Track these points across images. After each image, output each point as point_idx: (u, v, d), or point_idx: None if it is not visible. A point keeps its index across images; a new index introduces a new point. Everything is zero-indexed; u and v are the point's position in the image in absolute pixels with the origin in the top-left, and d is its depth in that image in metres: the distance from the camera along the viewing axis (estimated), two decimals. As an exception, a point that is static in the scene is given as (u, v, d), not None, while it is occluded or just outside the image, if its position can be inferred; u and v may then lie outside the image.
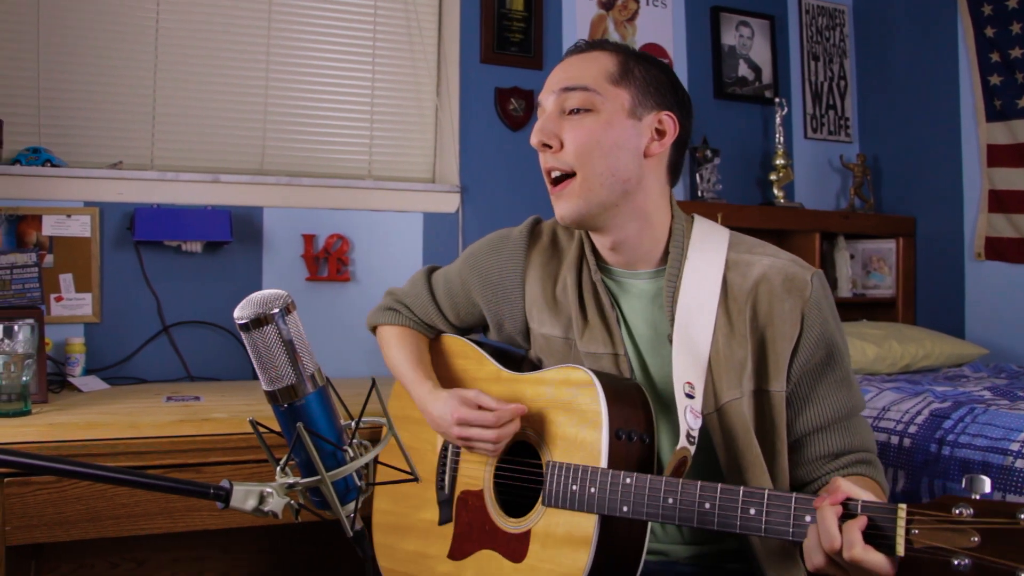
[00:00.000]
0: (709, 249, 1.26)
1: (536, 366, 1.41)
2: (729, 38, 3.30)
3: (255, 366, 0.95)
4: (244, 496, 0.95)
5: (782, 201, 3.20)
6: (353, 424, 1.04)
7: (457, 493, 1.36)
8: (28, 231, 2.32)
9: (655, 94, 1.23)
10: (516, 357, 1.48)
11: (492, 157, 2.89)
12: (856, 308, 3.32)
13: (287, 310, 0.96)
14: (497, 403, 1.27)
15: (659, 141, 1.24)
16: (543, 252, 1.38)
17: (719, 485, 1.05)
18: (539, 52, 2.95)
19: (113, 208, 2.41)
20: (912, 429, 1.66)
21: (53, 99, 2.44)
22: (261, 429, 1.02)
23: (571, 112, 1.21)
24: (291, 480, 0.97)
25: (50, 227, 2.33)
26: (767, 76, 3.36)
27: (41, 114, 2.43)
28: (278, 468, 0.99)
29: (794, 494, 0.99)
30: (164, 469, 1.63)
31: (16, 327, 1.75)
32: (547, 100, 1.25)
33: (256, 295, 0.96)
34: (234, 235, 2.51)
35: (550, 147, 1.22)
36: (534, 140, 1.24)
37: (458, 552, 1.33)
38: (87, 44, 2.48)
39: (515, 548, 1.23)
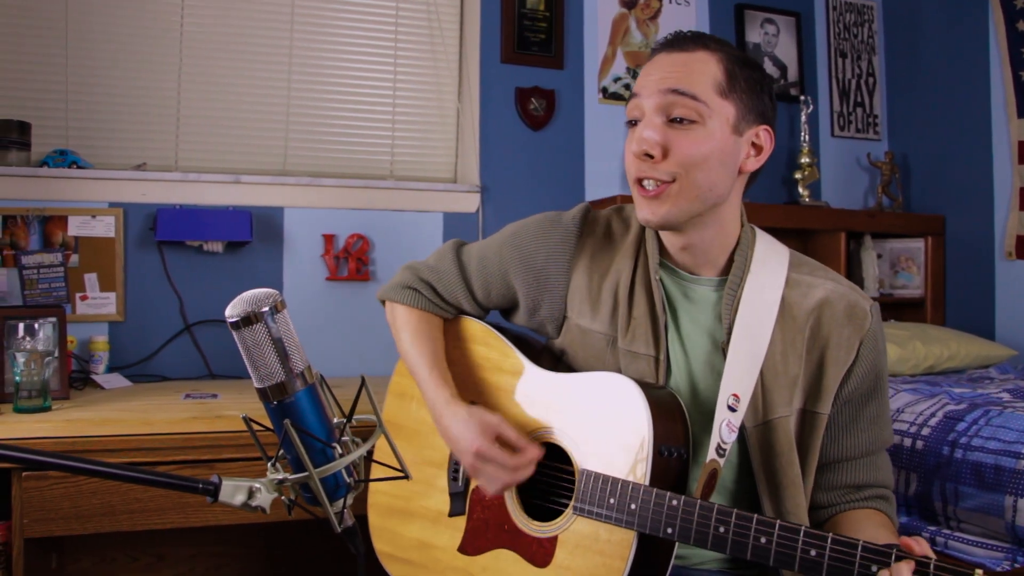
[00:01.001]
0: (771, 264, 1.24)
1: (557, 357, 1.37)
2: (754, 36, 3.26)
3: (246, 364, 0.96)
4: (233, 491, 0.96)
5: (807, 200, 3.16)
6: (347, 422, 1.04)
7: (472, 487, 1.33)
8: (55, 231, 2.37)
9: (757, 106, 1.18)
10: (536, 347, 1.42)
11: (512, 157, 2.89)
12: (884, 308, 3.25)
13: (276, 308, 0.97)
14: (518, 438, 1.22)
15: (756, 157, 1.20)
16: (595, 242, 1.32)
17: (778, 521, 1.02)
18: (560, 51, 2.95)
19: (137, 209, 2.46)
20: (925, 431, 1.63)
21: (80, 102, 2.50)
22: (255, 426, 1.04)
23: (673, 120, 1.15)
24: (280, 476, 0.98)
25: (76, 227, 2.38)
26: (793, 74, 3.32)
27: (69, 117, 2.49)
28: (269, 464, 1.00)
29: (861, 540, 0.97)
30: (176, 465, 1.66)
31: (37, 325, 1.80)
32: (647, 100, 1.17)
33: (246, 294, 0.98)
34: (255, 235, 2.55)
35: (651, 157, 1.16)
36: (636, 149, 1.16)
37: (471, 547, 1.31)
38: (114, 49, 2.54)
39: (538, 552, 1.21)
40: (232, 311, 0.95)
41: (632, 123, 1.20)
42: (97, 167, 2.46)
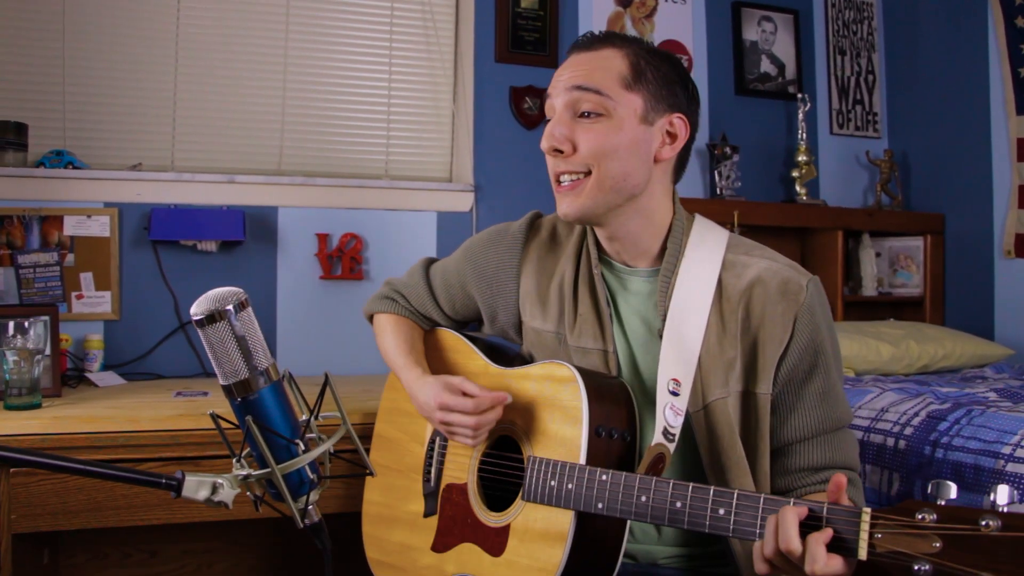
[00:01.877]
0: (706, 248, 1.25)
1: (527, 362, 1.41)
2: (751, 33, 3.25)
3: (211, 361, 0.98)
4: (196, 487, 0.98)
5: (804, 198, 3.15)
6: (311, 419, 1.06)
7: (442, 486, 1.37)
8: (51, 231, 2.40)
9: (667, 96, 1.22)
10: (508, 354, 1.48)
11: (507, 156, 2.90)
12: (883, 307, 3.25)
13: (241, 306, 0.98)
14: (481, 390, 1.26)
15: (670, 145, 1.23)
16: (541, 246, 1.38)
17: (691, 484, 1.04)
18: (554, 51, 2.95)
19: (132, 209, 2.48)
20: (908, 431, 1.62)
21: (78, 103, 2.53)
22: (223, 423, 1.05)
23: (582, 115, 1.20)
24: (244, 472, 1.00)
25: (71, 227, 2.41)
26: (791, 71, 3.31)
27: (66, 118, 2.51)
28: (234, 460, 1.02)
29: (763, 495, 0.99)
30: (162, 462, 1.67)
31: (27, 324, 1.82)
32: (557, 99, 1.22)
33: (212, 292, 0.99)
34: (249, 234, 2.57)
35: (562, 152, 1.21)
36: (545, 145, 1.22)
37: (440, 545, 1.34)
38: (110, 50, 2.56)
39: (494, 542, 1.24)
40: (197, 309, 0.97)
41: (547, 122, 1.25)
42: (94, 167, 2.48)
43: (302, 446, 1.01)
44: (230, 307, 0.97)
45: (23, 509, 1.66)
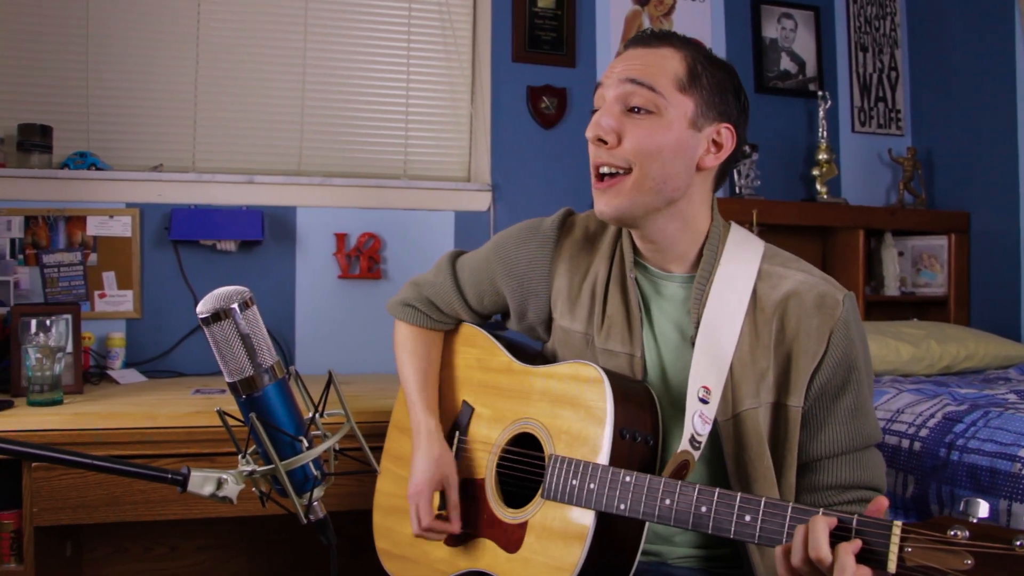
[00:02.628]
0: (742, 258, 1.25)
1: (549, 361, 1.40)
2: (771, 31, 3.23)
3: (217, 359, 0.99)
4: (202, 482, 1.00)
5: (825, 197, 3.12)
6: (317, 416, 1.07)
7: (459, 481, 1.37)
8: (74, 231, 2.45)
9: (719, 104, 1.20)
10: (530, 352, 1.47)
11: (524, 155, 2.90)
12: (905, 307, 3.21)
13: (245, 305, 0.99)
14: (453, 506, 1.34)
15: (715, 154, 1.22)
16: (573, 244, 1.36)
17: (717, 489, 1.04)
18: (571, 50, 2.95)
19: (153, 209, 2.52)
20: (923, 433, 1.60)
21: (101, 106, 2.58)
22: (230, 420, 1.06)
23: (631, 109, 1.18)
24: (249, 468, 1.01)
25: (94, 227, 2.45)
26: (811, 69, 3.28)
27: (90, 120, 2.56)
28: (240, 456, 1.03)
29: (791, 504, 0.98)
30: (178, 458, 1.70)
31: (49, 322, 1.85)
32: (608, 89, 1.20)
33: (217, 291, 1.00)
34: (268, 234, 2.60)
35: (605, 143, 1.19)
36: (590, 133, 1.20)
37: (454, 539, 1.34)
38: (132, 54, 2.61)
39: (511, 538, 1.24)
40: (202, 307, 0.98)
41: (596, 112, 1.23)
42: (116, 168, 2.53)
43: (305, 443, 1.02)
44: (235, 305, 0.98)
45: (45, 503, 1.70)
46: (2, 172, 2.40)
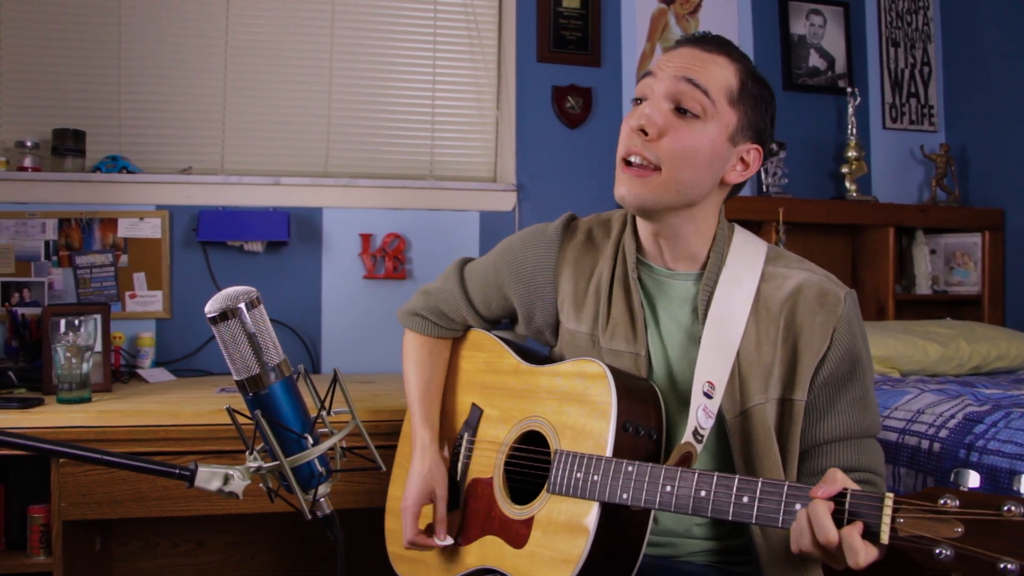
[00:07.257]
0: (746, 259, 1.27)
1: (556, 362, 1.43)
2: (799, 27, 3.19)
3: (224, 357, 1.01)
4: (209, 477, 1.02)
5: (855, 195, 3.07)
6: (324, 414, 1.08)
7: (468, 481, 1.40)
8: (106, 233, 2.51)
9: (756, 123, 1.22)
10: (539, 356, 1.49)
11: (549, 155, 2.91)
12: (938, 306, 3.15)
13: (252, 305, 1.01)
14: (439, 520, 1.38)
15: (740, 172, 1.24)
16: (577, 247, 1.39)
17: (715, 474, 1.05)
18: (597, 49, 2.95)
19: (182, 211, 2.57)
20: (943, 433, 1.58)
21: (132, 111, 2.64)
22: (239, 417, 1.08)
23: (680, 110, 1.18)
24: (256, 464, 1.03)
25: (125, 229, 2.51)
26: (841, 65, 3.23)
27: (122, 125, 2.62)
28: (247, 453, 1.05)
29: (786, 482, 0.99)
30: (199, 455, 1.73)
31: (78, 322, 1.90)
32: (660, 83, 1.19)
33: (225, 291, 1.02)
34: (294, 235, 2.64)
35: (646, 134, 1.18)
36: (634, 122, 1.19)
37: (463, 537, 1.36)
38: (163, 60, 2.67)
39: (517, 534, 1.25)
40: (210, 307, 1.00)
41: (638, 101, 1.22)
42: (147, 171, 2.58)
43: (311, 440, 1.04)
44: (242, 305, 1.00)
45: (72, 497, 1.74)
46: (37, 176, 2.47)
